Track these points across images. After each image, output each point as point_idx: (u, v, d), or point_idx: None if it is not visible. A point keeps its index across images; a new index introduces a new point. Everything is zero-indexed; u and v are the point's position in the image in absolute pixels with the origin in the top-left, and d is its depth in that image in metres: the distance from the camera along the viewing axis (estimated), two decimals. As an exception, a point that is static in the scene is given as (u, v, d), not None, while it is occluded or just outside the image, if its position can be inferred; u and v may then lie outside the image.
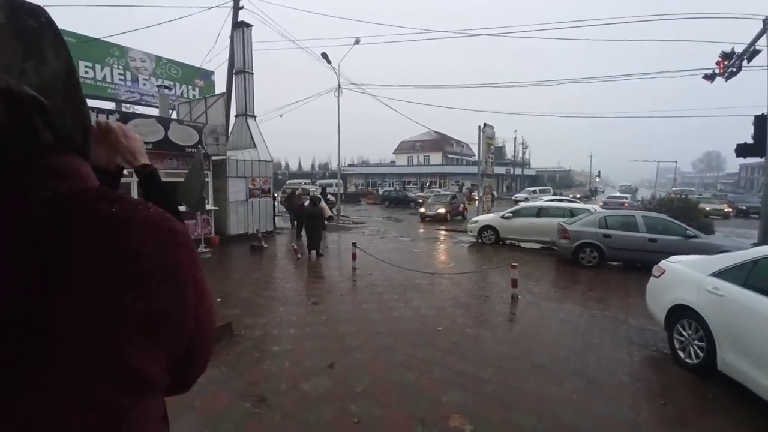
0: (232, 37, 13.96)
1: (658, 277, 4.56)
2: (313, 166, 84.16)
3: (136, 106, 15.02)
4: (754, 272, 3.43)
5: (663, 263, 4.64)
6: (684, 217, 10.02)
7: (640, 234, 8.30)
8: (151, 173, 1.04)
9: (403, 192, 30.78)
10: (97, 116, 8.62)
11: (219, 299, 5.88)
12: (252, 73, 13.59)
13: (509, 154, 54.11)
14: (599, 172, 57.73)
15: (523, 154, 51.90)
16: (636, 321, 5.26)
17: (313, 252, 9.40)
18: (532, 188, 38.48)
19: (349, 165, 60.85)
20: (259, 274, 7.77)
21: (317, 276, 7.63)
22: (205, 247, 9.48)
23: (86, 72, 13.54)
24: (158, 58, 15.59)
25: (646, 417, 3.13)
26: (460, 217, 19.19)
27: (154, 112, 13.75)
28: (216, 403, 3.02)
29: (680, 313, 4.03)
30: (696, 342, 3.81)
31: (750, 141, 9.20)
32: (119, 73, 14.49)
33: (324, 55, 18.38)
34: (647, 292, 4.75)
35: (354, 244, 8.45)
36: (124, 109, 13.86)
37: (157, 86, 14.69)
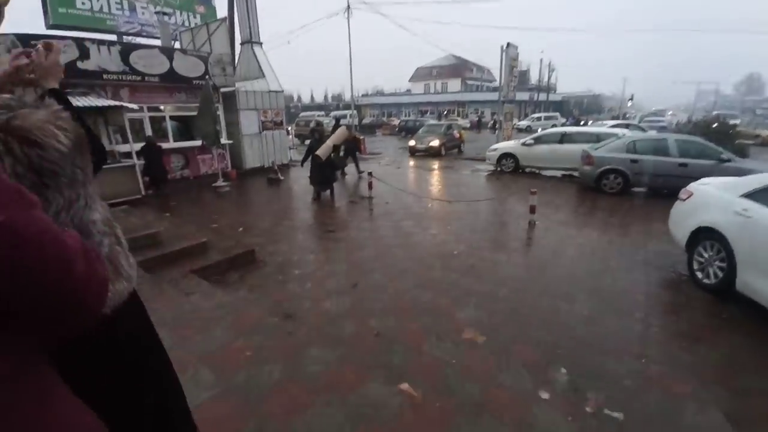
0: (229, -49, 12.68)
1: (684, 200, 4.39)
2: (326, 97, 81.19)
3: (137, 38, 14.35)
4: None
5: (692, 186, 4.45)
6: (719, 141, 9.39)
7: (671, 158, 7.88)
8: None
9: (421, 122, 29.70)
10: (98, 49, 8.30)
11: (241, 229, 6.10)
12: (255, -7, 12.56)
13: (533, 78, 50.40)
14: (632, 95, 53.55)
15: (549, 78, 48.22)
16: (656, 246, 5.21)
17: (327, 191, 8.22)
18: (536, 115, 35.62)
19: (364, 95, 58.46)
20: (277, 206, 7.93)
21: (334, 206, 7.73)
22: (223, 181, 9.61)
23: (83, 3, 12.78)
24: (153, -19, 14.47)
25: (656, 332, 3.22)
26: (455, 151, 17.11)
27: (156, 43, 13.13)
28: (246, 319, 3.25)
29: (704, 235, 3.94)
30: (717, 263, 3.77)
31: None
32: (116, 2, 13.62)
33: (331, -31, 16.67)
34: (671, 215, 4.62)
35: (370, 174, 8.40)
36: (125, 40, 13.30)
37: (155, 13, 13.82)
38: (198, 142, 10.00)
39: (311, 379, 2.49)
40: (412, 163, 14.28)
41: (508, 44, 14.44)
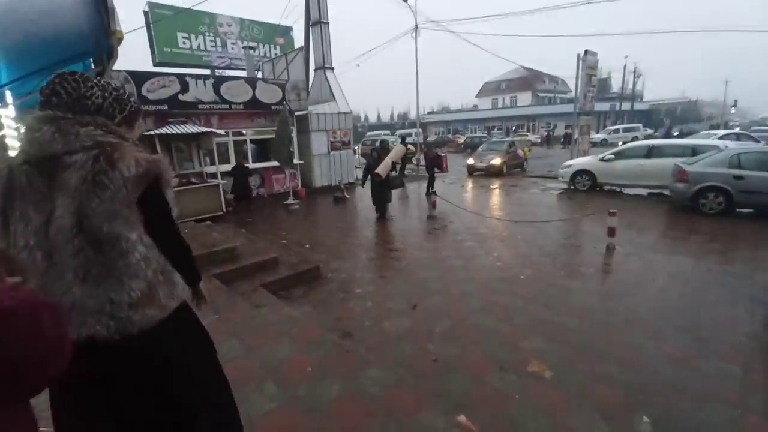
0: (306, -13, 13.85)
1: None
2: (391, 116, 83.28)
3: (226, 71, 16.18)
4: None
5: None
6: None
7: (788, 174, 6.71)
8: None
9: (488, 138, 29.05)
10: (196, 83, 9.50)
11: (308, 246, 6.43)
12: (328, 23, 13.51)
13: (616, 86, 46.63)
14: (735, 101, 46.78)
15: (635, 84, 44.22)
16: (765, 277, 4.43)
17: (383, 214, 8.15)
18: (613, 127, 32.60)
19: (429, 113, 58.90)
20: (342, 223, 8.24)
21: (397, 225, 7.81)
22: (293, 199, 10.26)
23: (184, 43, 14.82)
24: (242, 20, 16.29)
25: (758, 378, 2.73)
26: (518, 170, 15.86)
27: (242, 74, 14.66)
28: (308, 334, 3.40)
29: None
30: None
31: None
32: (210, 40, 15.57)
33: (399, -6, 17.32)
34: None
35: (434, 193, 8.37)
36: (217, 74, 15.05)
37: (243, 48, 15.50)
38: (274, 163, 10.87)
39: (368, 400, 2.50)
40: (475, 182, 13.95)
41: (586, 52, 13.58)
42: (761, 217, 7.03)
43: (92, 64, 3.63)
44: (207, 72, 15.07)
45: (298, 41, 16.44)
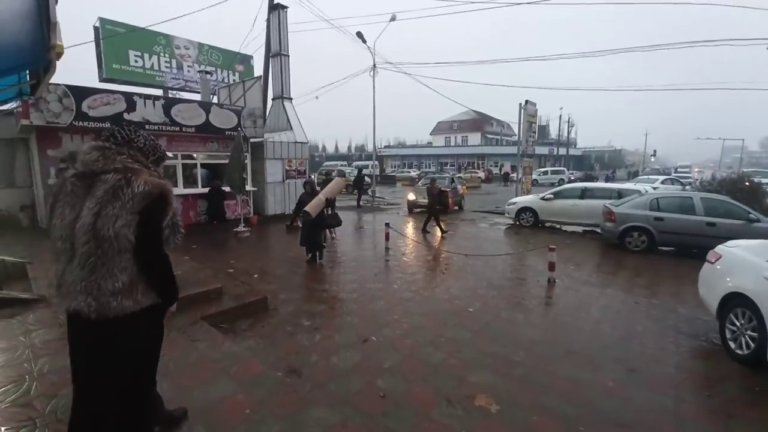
0: (268, 20, 14.10)
1: (713, 263, 4.19)
2: (349, 148, 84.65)
3: (180, 92, 15.71)
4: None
5: (719, 248, 4.26)
6: (749, 201, 9.08)
7: (697, 217, 7.64)
8: None
9: (441, 174, 30.31)
10: (144, 103, 9.11)
11: (256, 275, 6.14)
12: (288, 56, 13.71)
13: (553, 133, 51.31)
14: (655, 151, 53.25)
15: (569, 132, 48.95)
16: (686, 310, 4.91)
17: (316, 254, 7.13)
18: (543, 168, 37.14)
19: (386, 146, 60.58)
20: (294, 253, 8.01)
21: (350, 256, 7.75)
22: (244, 227, 9.88)
23: (136, 61, 14.27)
24: (200, 45, 16.10)
25: (688, 408, 2.94)
26: (456, 208, 15.25)
27: (197, 97, 14.31)
28: (249, 371, 3.18)
29: (735, 301, 3.70)
30: (748, 332, 3.49)
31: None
32: (165, 61, 15.14)
33: (359, 34, 18.13)
34: (700, 278, 4.39)
35: (387, 224, 8.47)
36: (170, 95, 14.55)
37: (199, 72, 15.22)
38: (225, 188, 10.48)
39: (310, 444, 2.36)
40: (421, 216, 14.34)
41: (527, 102, 14.93)
42: (681, 255, 7.86)
43: (27, 76, 3.37)
44: (159, 92, 14.55)
45: (258, 69, 16.46)
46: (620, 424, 2.73)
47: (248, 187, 11.12)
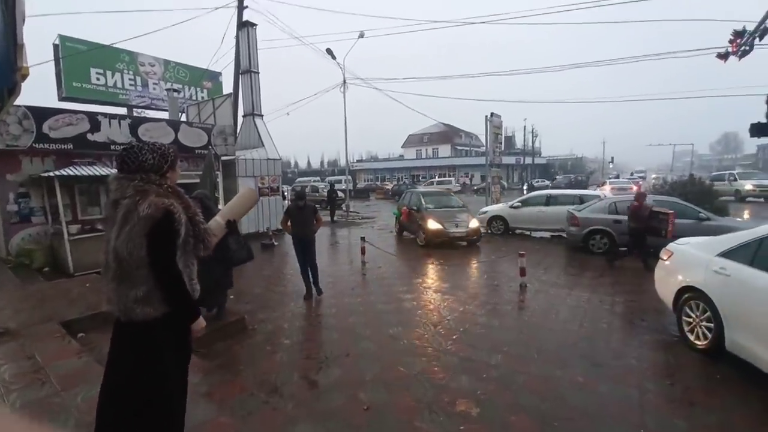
0: (237, 37, 14.11)
1: (666, 261, 4.53)
2: (322, 163, 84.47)
3: (146, 111, 15.34)
4: (761, 251, 3.40)
5: (671, 246, 4.62)
6: (699, 201, 9.82)
7: (652, 219, 8.17)
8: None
9: (413, 186, 30.79)
10: (109, 122, 8.86)
11: (232, 296, 6.04)
12: (258, 73, 13.73)
13: (519, 143, 53.39)
14: (612, 158, 56.40)
15: (533, 142, 51.06)
16: (646, 305, 5.24)
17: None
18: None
19: (358, 161, 61.02)
20: (270, 271, 7.94)
21: (327, 272, 7.75)
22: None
23: (98, 79, 13.87)
24: (167, 62, 15.85)
25: (651, 398, 3.16)
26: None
27: (164, 115, 14.03)
28: (229, 394, 3.15)
29: (688, 294, 4.02)
30: (704, 323, 3.80)
31: (764, 120, 8.92)
32: (129, 79, 14.79)
33: (329, 51, 18.40)
34: (656, 275, 4.73)
35: (362, 239, 8.55)
36: (135, 114, 14.17)
37: (166, 90, 14.95)
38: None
39: (296, 460, 2.37)
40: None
41: (492, 114, 15.55)
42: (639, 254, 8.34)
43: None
44: (123, 111, 14.15)
45: (227, 86, 16.34)
46: (590, 415, 2.90)
47: (220, 206, 10.92)
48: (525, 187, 33.95)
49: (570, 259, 8.34)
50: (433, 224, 9.52)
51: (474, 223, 9.89)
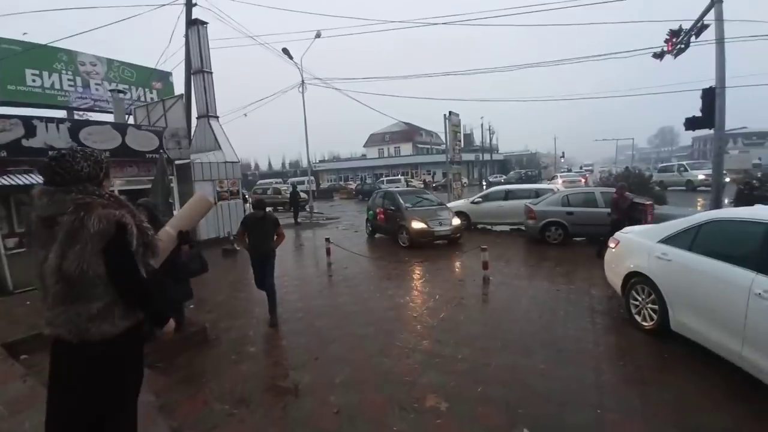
0: (186, 36, 13.46)
1: (614, 248, 4.85)
2: (283, 164, 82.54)
3: (89, 113, 14.26)
4: (699, 236, 3.70)
5: (617, 234, 4.94)
6: (639, 191, 10.60)
7: (600, 209, 8.73)
8: None
9: (376, 185, 30.85)
10: (46, 126, 8.17)
11: (192, 305, 5.77)
12: (211, 72, 13.19)
13: (477, 140, 55.04)
14: (563, 153, 59.64)
15: (491, 139, 52.86)
16: (598, 291, 5.58)
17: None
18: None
19: (320, 161, 60.26)
20: (233, 277, 7.65)
21: (292, 275, 7.60)
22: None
23: (33, 80, 12.72)
24: (110, 61, 14.79)
25: (607, 378, 3.36)
26: None
27: (110, 118, 13.11)
28: (193, 408, 3.01)
29: (634, 279, 4.32)
30: (649, 305, 4.10)
31: (699, 114, 9.74)
32: (69, 79, 13.67)
33: (285, 51, 18.00)
34: (605, 262, 5.04)
35: (327, 240, 8.46)
36: (76, 117, 13.14)
37: (110, 91, 13.97)
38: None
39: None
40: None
41: (450, 113, 15.92)
42: (591, 244, 8.87)
43: None
44: (63, 114, 13.07)
45: (178, 87, 15.53)
46: (552, 400, 3.04)
47: (175, 212, 10.39)
48: (484, 184, 35.08)
49: (529, 251, 8.71)
50: (417, 224, 9.35)
51: (456, 221, 9.86)
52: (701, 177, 20.46)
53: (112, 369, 1.70)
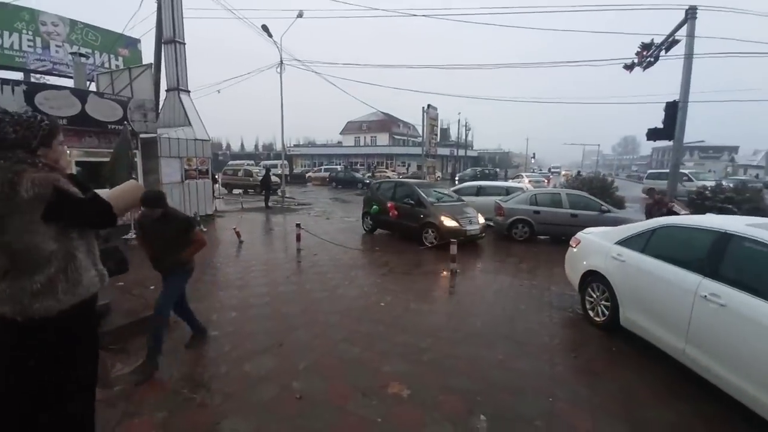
0: (159, 1, 12.67)
1: (574, 248, 5.08)
2: (256, 146, 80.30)
3: (47, 77, 13.24)
4: (652, 240, 3.95)
5: (578, 234, 5.18)
6: (601, 195, 11.13)
7: (564, 210, 9.10)
8: None
9: (350, 173, 30.59)
10: (1, 87, 7.54)
11: (152, 287, 5.56)
12: (184, 43, 12.52)
13: (453, 135, 55.69)
14: (534, 154, 61.45)
15: (466, 135, 53.60)
16: (557, 288, 5.85)
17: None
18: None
19: (295, 145, 58.95)
20: (197, 259, 7.40)
21: (260, 259, 7.47)
22: (135, 233, 8.79)
23: (-6, 40, 11.65)
24: (73, 22, 13.71)
25: (560, 370, 3.55)
26: None
27: (69, 83, 12.21)
28: (150, 392, 2.92)
29: (591, 277, 4.56)
30: (603, 302, 4.35)
31: (660, 126, 10.30)
32: (28, 39, 12.61)
33: (264, 28, 17.38)
34: (566, 261, 5.28)
35: (298, 225, 8.35)
36: (33, 80, 12.17)
37: (71, 53, 12.99)
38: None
39: (224, 455, 2.29)
40: (341, 214, 14.48)
41: (429, 106, 16.00)
42: (554, 242, 9.26)
43: None
44: (19, 76, 12.08)
45: (148, 56, 14.66)
46: (509, 389, 3.19)
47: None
48: (457, 179, 35.60)
49: (496, 247, 8.97)
50: (449, 222, 8.46)
51: (481, 219, 9.19)
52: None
53: (60, 350, 1.62)
